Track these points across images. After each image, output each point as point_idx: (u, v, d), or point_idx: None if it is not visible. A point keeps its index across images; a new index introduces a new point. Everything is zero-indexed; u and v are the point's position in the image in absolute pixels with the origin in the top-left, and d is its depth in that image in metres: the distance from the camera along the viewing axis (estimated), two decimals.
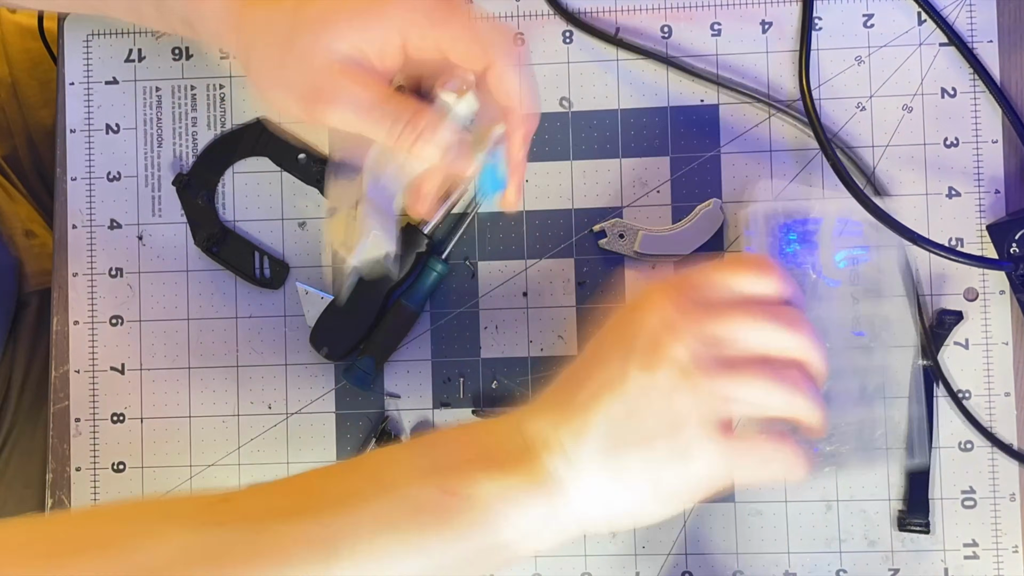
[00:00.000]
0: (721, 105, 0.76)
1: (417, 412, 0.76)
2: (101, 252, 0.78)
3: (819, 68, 0.75)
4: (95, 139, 0.79)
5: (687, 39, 0.76)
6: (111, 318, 0.78)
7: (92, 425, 0.77)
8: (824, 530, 0.73)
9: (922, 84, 0.75)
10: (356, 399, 0.76)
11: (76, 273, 0.78)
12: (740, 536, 0.74)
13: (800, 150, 0.75)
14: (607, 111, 0.76)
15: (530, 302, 0.76)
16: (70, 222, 0.78)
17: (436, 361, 0.76)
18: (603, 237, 0.74)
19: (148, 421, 0.77)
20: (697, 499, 0.52)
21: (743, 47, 0.76)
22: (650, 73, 0.76)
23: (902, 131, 0.75)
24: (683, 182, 0.76)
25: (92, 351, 0.78)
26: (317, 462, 0.76)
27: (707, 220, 0.74)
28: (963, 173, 0.74)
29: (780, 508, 0.74)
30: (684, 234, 0.74)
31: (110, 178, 0.78)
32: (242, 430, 0.77)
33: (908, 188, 0.75)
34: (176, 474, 0.77)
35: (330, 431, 0.76)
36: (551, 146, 0.76)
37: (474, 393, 0.76)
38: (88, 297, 0.78)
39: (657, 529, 0.74)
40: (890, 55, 0.75)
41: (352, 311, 0.74)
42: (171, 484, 0.77)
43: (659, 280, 0.56)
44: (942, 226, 0.74)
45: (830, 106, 0.75)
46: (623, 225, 0.74)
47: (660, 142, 0.76)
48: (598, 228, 0.74)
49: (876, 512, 0.73)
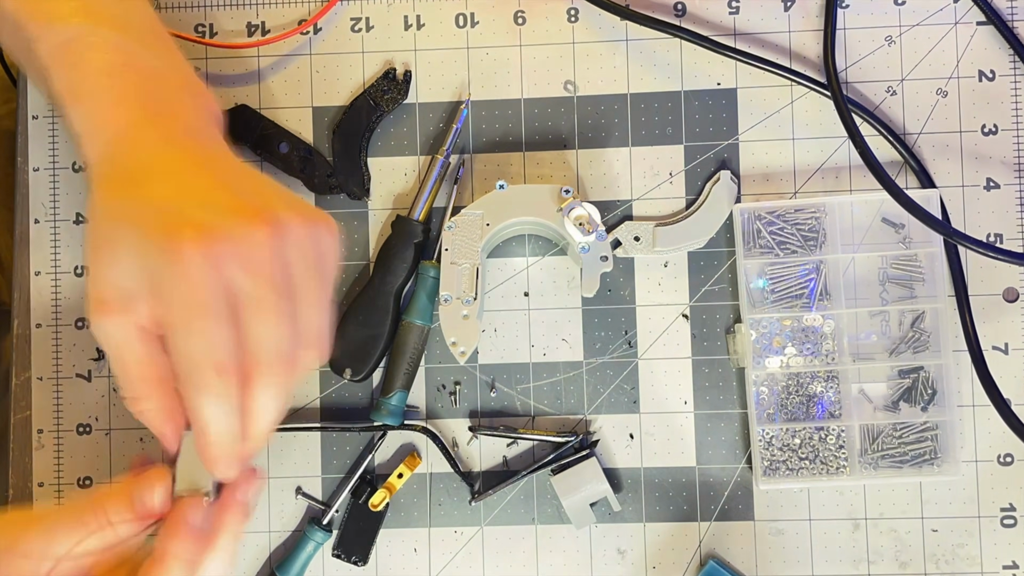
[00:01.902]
0: (740, 89, 0.70)
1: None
2: (66, 249, 0.72)
3: (846, 49, 0.69)
4: (59, 127, 0.72)
5: (702, 17, 0.70)
6: (77, 320, 0.71)
7: (56, 437, 0.71)
8: (851, 550, 0.68)
9: (958, 66, 0.69)
10: (343, 408, 0.70)
11: (39, 272, 0.72)
12: (760, 556, 0.68)
13: (825, 138, 0.69)
14: (615, 95, 0.70)
15: (532, 303, 0.70)
16: (32, 216, 0.72)
17: (428, 367, 0.70)
18: (618, 246, 0.68)
19: (117, 433, 0.71)
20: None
21: (763, 26, 0.70)
22: (662, 53, 0.70)
23: (936, 117, 0.69)
24: (698, 173, 0.70)
25: (56, 357, 0.71)
26: (304, 477, 0.70)
27: (721, 194, 0.68)
28: (1002, 163, 0.68)
29: (803, 526, 0.68)
30: (701, 217, 0.68)
31: (75, 169, 0.72)
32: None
33: (943, 179, 0.69)
34: None
35: (315, 440, 0.70)
36: (554, 134, 0.70)
37: (470, 402, 0.70)
38: (52, 298, 0.72)
39: (670, 549, 0.68)
40: (923, 35, 0.69)
41: (365, 324, 0.68)
42: None
43: None
44: (979, 220, 0.68)
45: (858, 90, 0.69)
46: (635, 227, 0.68)
47: (673, 129, 0.70)
48: (611, 238, 0.68)
49: (908, 531, 0.68)
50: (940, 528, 0.67)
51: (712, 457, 0.69)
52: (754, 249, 0.68)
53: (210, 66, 0.72)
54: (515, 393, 0.70)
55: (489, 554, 0.69)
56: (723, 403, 0.69)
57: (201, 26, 0.72)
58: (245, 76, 0.72)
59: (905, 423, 0.67)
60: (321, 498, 0.70)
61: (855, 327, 0.68)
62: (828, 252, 0.67)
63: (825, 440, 0.67)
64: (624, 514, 0.68)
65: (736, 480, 0.68)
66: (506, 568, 0.69)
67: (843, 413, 0.67)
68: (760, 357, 0.68)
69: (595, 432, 0.69)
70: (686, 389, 0.69)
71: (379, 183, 0.71)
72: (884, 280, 0.68)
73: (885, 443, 0.67)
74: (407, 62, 0.71)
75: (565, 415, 0.69)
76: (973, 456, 0.68)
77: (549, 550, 0.69)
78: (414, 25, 0.71)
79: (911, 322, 0.68)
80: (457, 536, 0.69)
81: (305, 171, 0.70)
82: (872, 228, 0.68)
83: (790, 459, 0.67)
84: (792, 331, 0.68)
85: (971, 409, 0.68)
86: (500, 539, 0.69)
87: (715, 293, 0.69)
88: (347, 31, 0.71)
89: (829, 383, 0.67)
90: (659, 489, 0.69)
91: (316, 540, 0.68)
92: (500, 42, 0.71)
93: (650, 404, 0.69)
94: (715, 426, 0.69)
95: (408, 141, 0.71)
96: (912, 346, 0.68)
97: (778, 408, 0.67)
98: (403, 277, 0.69)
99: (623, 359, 0.69)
